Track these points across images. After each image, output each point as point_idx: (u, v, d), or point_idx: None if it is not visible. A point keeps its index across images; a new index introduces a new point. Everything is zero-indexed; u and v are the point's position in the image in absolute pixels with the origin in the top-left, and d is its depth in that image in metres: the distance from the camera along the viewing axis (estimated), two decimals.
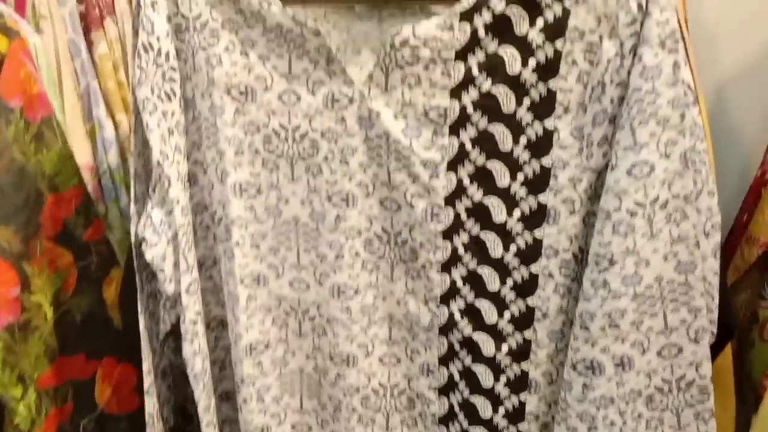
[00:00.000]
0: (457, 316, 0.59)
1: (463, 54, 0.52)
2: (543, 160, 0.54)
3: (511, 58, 0.52)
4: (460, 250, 0.58)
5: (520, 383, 0.60)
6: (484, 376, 0.60)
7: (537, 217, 0.55)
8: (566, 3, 0.50)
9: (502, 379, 0.60)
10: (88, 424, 0.72)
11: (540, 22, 0.51)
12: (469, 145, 0.55)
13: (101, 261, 0.71)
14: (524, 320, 0.58)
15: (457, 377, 0.61)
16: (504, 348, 0.59)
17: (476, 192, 0.56)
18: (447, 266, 0.58)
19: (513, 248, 0.57)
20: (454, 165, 0.55)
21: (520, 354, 0.59)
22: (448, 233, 0.57)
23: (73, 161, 0.69)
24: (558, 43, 0.51)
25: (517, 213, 0.56)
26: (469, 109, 0.54)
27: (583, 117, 0.52)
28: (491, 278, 0.58)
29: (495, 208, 0.56)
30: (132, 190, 0.58)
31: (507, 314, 0.58)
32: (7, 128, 0.63)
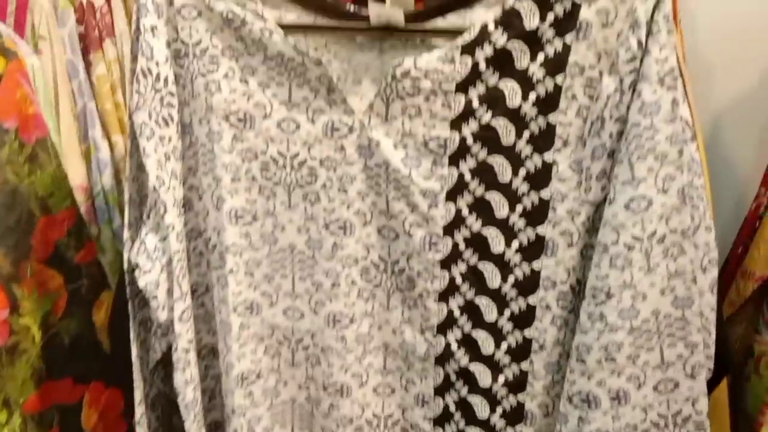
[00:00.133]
0: (454, 347, 0.59)
1: (463, 86, 0.52)
2: (542, 193, 0.54)
3: (512, 92, 0.52)
4: (458, 280, 0.57)
5: (516, 415, 0.59)
6: (480, 407, 0.59)
7: (535, 249, 0.55)
8: (567, 39, 0.50)
9: (498, 411, 0.59)
10: None
11: (541, 57, 0.51)
12: (468, 176, 0.55)
13: (92, 284, 0.70)
14: (521, 352, 0.58)
15: (452, 408, 0.61)
16: (500, 379, 0.58)
17: (475, 222, 0.56)
18: (444, 296, 0.58)
19: (511, 279, 0.56)
20: (453, 195, 0.55)
21: (517, 385, 0.58)
22: (446, 263, 0.57)
23: (67, 183, 0.68)
24: (558, 78, 0.51)
25: (515, 244, 0.56)
26: (469, 141, 0.54)
27: (582, 151, 0.52)
28: (489, 309, 0.58)
29: (493, 239, 0.56)
30: (125, 216, 0.57)
31: (504, 345, 0.58)
32: (0, 149, 0.62)
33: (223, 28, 0.54)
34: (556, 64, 0.51)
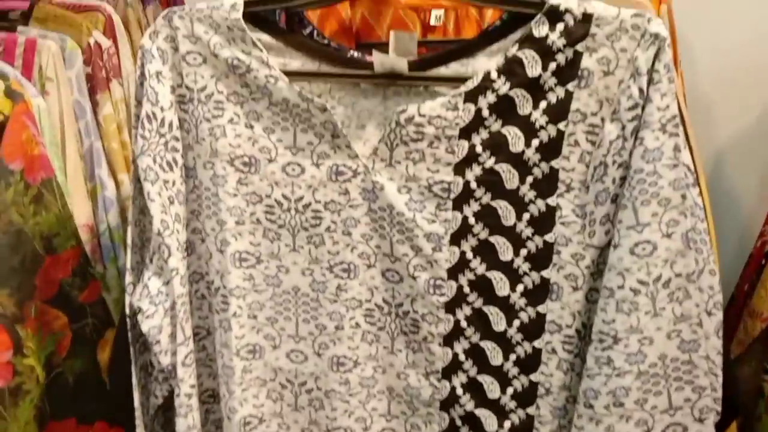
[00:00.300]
0: (459, 391, 0.58)
1: (467, 132, 0.53)
2: (546, 236, 0.54)
3: (515, 138, 0.52)
4: (463, 324, 0.57)
5: None
6: None
7: (540, 293, 0.55)
8: (569, 87, 0.51)
9: None
10: None
11: (543, 104, 0.51)
12: (472, 220, 0.55)
13: (96, 323, 0.70)
14: (527, 396, 0.57)
15: None
16: (506, 425, 0.58)
17: (479, 266, 0.56)
18: (449, 339, 0.57)
19: (516, 323, 0.56)
20: (457, 238, 0.55)
21: (524, 431, 0.58)
22: (451, 306, 0.57)
23: (72, 222, 0.68)
24: (561, 125, 0.51)
25: (520, 288, 0.55)
26: (473, 185, 0.54)
27: (586, 195, 0.52)
28: (494, 353, 0.57)
29: (498, 283, 0.56)
30: (127, 261, 0.57)
31: (510, 390, 0.57)
32: (6, 190, 0.63)
33: (228, 75, 0.54)
34: (559, 111, 0.51)
